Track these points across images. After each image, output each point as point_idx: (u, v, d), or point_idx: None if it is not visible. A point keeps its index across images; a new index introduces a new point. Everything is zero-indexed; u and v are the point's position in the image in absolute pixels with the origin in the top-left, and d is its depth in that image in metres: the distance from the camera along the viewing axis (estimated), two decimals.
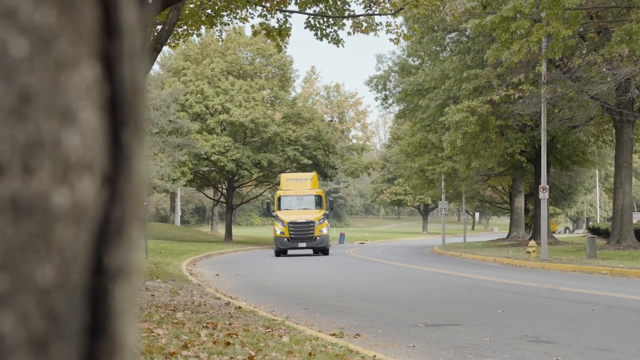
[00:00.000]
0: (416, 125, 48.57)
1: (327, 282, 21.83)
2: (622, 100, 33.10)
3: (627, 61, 24.94)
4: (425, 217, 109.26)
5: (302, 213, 41.17)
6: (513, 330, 11.45)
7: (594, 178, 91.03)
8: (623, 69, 25.07)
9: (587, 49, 31.84)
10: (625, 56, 24.54)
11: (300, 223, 39.99)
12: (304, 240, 39.86)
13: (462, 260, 35.80)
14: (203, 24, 17.27)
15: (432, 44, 43.64)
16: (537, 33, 25.57)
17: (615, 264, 25.63)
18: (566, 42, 26.56)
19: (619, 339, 10.67)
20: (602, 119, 39.99)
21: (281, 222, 40.40)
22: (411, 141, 48.64)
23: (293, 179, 43.78)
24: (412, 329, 11.83)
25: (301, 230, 39.94)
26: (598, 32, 30.43)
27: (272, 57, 56.60)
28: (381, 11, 18.23)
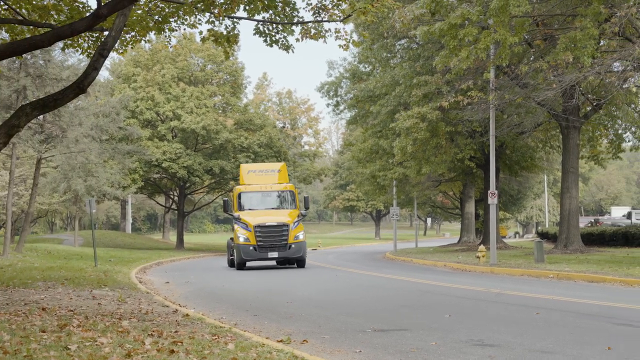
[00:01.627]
0: (367, 131, 48.78)
1: (278, 288, 21.79)
2: (568, 107, 33.64)
3: (572, 68, 25.35)
4: (377, 223, 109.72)
5: (272, 214, 32.76)
6: (459, 335, 11.55)
7: (543, 183, 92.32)
8: (568, 75, 25.48)
9: (534, 56, 32.31)
10: (570, 63, 24.95)
11: (270, 227, 31.59)
12: (275, 248, 31.48)
13: (413, 265, 36.03)
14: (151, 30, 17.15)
15: (383, 50, 43.87)
16: (484, 40, 25.89)
17: (561, 268, 26.01)
18: (513, 49, 26.95)
19: (562, 341, 10.83)
20: (549, 125, 40.59)
21: (244, 226, 31.74)
22: (363, 147, 48.82)
23: (257, 171, 34.91)
24: (360, 334, 11.87)
25: (272, 236, 31.55)
26: (544, 39, 30.92)
27: (224, 64, 56.42)
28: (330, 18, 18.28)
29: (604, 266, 26.01)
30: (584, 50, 23.72)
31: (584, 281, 22.66)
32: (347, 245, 75.10)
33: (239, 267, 31.89)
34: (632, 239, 42.22)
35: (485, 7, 26.09)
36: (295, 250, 31.83)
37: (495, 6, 24.40)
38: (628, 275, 22.40)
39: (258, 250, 31.41)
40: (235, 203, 33.41)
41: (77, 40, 17.29)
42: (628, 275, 22.22)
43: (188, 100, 54.36)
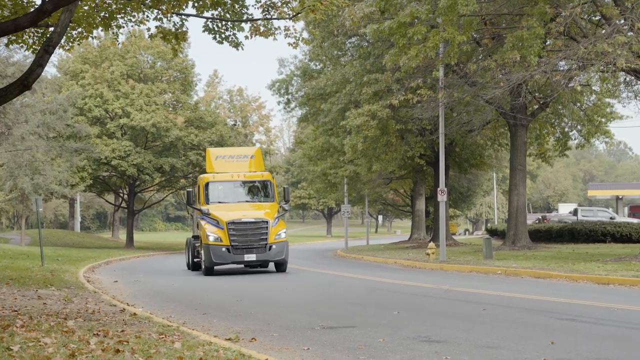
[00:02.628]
0: (318, 129, 48.85)
1: (228, 286, 21.72)
2: (515, 105, 34.07)
3: (519, 67, 25.68)
4: (329, 221, 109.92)
5: (247, 208, 27.65)
6: (407, 331, 11.64)
7: (492, 181, 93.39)
8: (515, 74, 25.80)
9: (482, 55, 32.66)
10: (517, 62, 25.27)
11: (247, 224, 26.50)
12: (252, 249, 26.46)
13: (364, 263, 36.17)
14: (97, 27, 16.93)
15: (333, 48, 43.95)
16: (433, 39, 26.09)
17: (509, 264, 26.35)
18: (462, 47, 27.22)
19: (507, 336, 10.98)
20: (497, 123, 41.06)
21: (215, 223, 26.79)
22: (314, 145, 48.87)
23: (226, 157, 29.80)
24: (309, 331, 11.89)
25: (248, 235, 26.46)
26: (492, 38, 31.27)
27: (174, 61, 55.96)
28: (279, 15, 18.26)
29: (551, 262, 26.42)
30: (530, 50, 24.05)
31: (530, 277, 22.99)
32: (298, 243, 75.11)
33: (207, 271, 26.70)
34: (577, 235, 42.94)
35: (434, 5, 26.30)
36: (276, 251, 26.71)
37: (443, 5, 24.61)
38: (573, 271, 22.78)
39: (232, 252, 26.24)
40: (202, 195, 28.05)
41: (21, 36, 17.00)
42: (573, 271, 22.60)
43: (137, 97, 53.83)
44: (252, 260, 26.82)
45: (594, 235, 42.33)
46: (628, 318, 12.79)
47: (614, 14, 24.12)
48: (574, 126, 42.88)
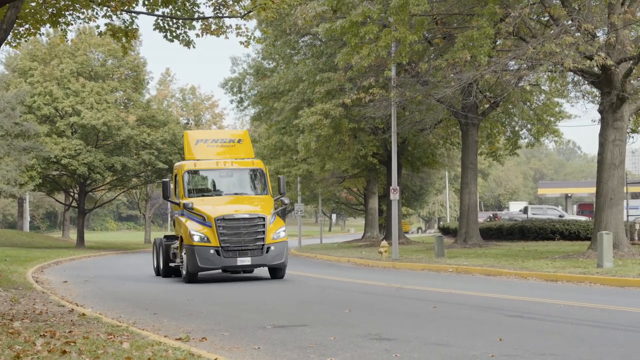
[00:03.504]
0: (272, 127, 48.79)
1: (179, 286, 21.57)
2: (466, 104, 34.40)
3: (470, 66, 25.93)
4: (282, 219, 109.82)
5: (238, 202, 23.35)
6: (358, 329, 11.68)
7: (444, 179, 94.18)
8: (466, 73, 26.05)
9: (433, 54, 32.90)
10: (468, 61, 25.52)
11: (240, 221, 22.10)
12: (247, 252, 22.03)
13: (317, 261, 36.24)
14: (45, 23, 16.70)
15: (286, 47, 43.94)
16: (385, 38, 26.22)
17: (460, 262, 26.61)
18: (413, 47, 27.40)
19: (457, 333, 11.08)
20: (449, 122, 41.43)
21: (200, 220, 22.31)
22: (267, 144, 48.80)
23: (209, 141, 25.04)
24: (260, 330, 11.86)
25: (242, 234, 22.06)
26: (444, 37, 31.53)
27: (125, 59, 55.39)
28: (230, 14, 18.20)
29: (501, 260, 26.73)
30: (480, 49, 24.31)
31: (481, 275, 23.24)
32: None
33: (189, 278, 22.29)
34: (527, 233, 43.53)
35: (386, 5, 26.42)
36: (275, 254, 22.17)
37: (395, 5, 24.74)
38: (523, 268, 23.08)
39: (222, 255, 21.75)
40: (181, 186, 23.52)
41: None
42: (523, 269, 22.89)
43: (88, 95, 53.17)
44: (247, 264, 22.03)
45: (543, 233, 42.94)
46: (574, 314, 13.00)
47: (561, 14, 24.48)
48: (524, 125, 43.49)
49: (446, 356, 9.31)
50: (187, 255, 22.14)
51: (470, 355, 9.33)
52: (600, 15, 26.15)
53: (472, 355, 9.33)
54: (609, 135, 26.15)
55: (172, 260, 24.69)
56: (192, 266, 22.04)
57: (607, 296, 16.08)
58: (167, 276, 25.06)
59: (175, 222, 24.53)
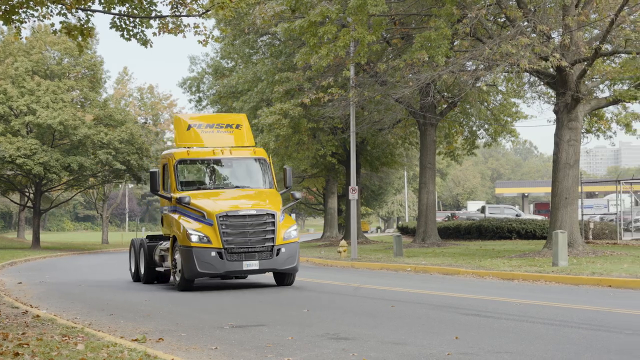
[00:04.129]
0: None
1: (136, 287, 21.39)
2: (425, 104, 34.62)
3: (428, 67, 26.10)
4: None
5: (241, 196, 20.26)
6: (316, 329, 11.69)
7: (403, 179, 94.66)
8: (424, 74, 26.20)
9: (392, 54, 33.05)
10: (425, 62, 25.67)
11: (245, 218, 19.06)
12: (254, 254, 18.98)
13: None
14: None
15: (245, 46, 43.82)
16: (343, 38, 26.28)
17: (419, 261, 26.76)
18: (372, 47, 27.49)
19: (414, 332, 11.15)
20: (407, 122, 41.65)
21: (197, 216, 19.31)
22: None
23: (204, 126, 21.79)
24: (217, 331, 11.82)
25: (248, 234, 19.00)
26: (402, 38, 31.68)
27: (82, 57, 54.74)
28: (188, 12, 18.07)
29: (459, 259, 26.94)
30: (438, 50, 24.46)
31: (439, 274, 23.40)
32: None
33: (185, 285, 19.22)
34: (485, 232, 43.94)
35: (344, 5, 26.48)
36: (286, 256, 19.23)
37: (353, 5, 24.80)
38: (480, 267, 23.28)
39: (225, 258, 18.72)
40: (172, 177, 20.27)
41: None
42: (480, 267, 23.10)
43: (44, 94, 52.44)
44: (254, 269, 19.01)
45: (500, 232, 43.37)
46: (529, 312, 13.15)
47: (517, 16, 24.75)
48: (482, 125, 43.89)
49: (403, 355, 9.36)
50: (182, 259, 18.89)
51: (427, 353, 9.39)
52: (555, 17, 26.48)
53: (428, 353, 9.39)
54: (564, 135, 26.49)
55: (157, 264, 21.62)
56: (189, 271, 18.80)
57: (562, 294, 16.30)
58: (149, 282, 22.07)
59: (165, 220, 21.01)
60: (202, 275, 19.12)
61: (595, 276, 18.76)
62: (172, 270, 19.88)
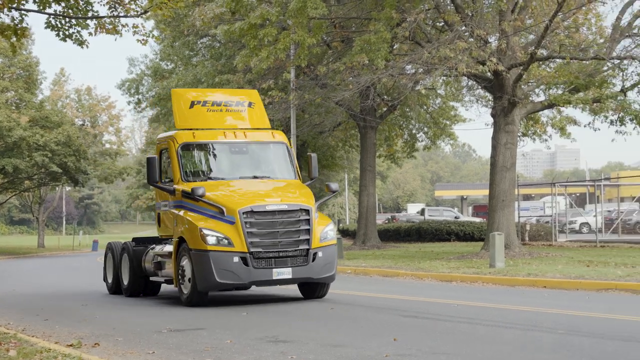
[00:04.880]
0: (170, 129, 48.12)
1: (73, 290, 21.05)
2: (365, 107, 34.80)
3: (368, 70, 26.24)
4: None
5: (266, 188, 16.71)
6: (255, 332, 11.65)
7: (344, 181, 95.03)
8: (364, 77, 26.34)
9: (332, 57, 33.16)
10: (365, 65, 25.80)
11: (275, 214, 15.63)
12: (286, 260, 15.57)
13: None
14: None
15: (185, 48, 43.47)
16: (283, 41, 26.27)
17: (359, 264, 26.87)
18: (312, 50, 27.49)
19: (353, 334, 11.19)
20: (348, 125, 41.83)
21: (214, 212, 15.72)
22: None
23: (209, 103, 18.15)
24: (155, 335, 11.70)
25: (279, 234, 15.59)
26: (342, 41, 31.81)
27: (16, 58, 53.67)
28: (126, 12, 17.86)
29: (398, 261, 27.13)
30: (378, 53, 24.62)
31: (379, 276, 23.53)
32: None
33: (197, 298, 15.53)
34: (424, 235, 44.36)
35: (284, 8, 26.48)
36: (323, 262, 15.81)
37: (293, 7, 24.81)
38: (419, 269, 23.48)
39: (252, 264, 15.20)
40: (175, 165, 16.74)
41: None
42: (419, 269, 23.30)
43: None
44: (286, 278, 15.55)
45: (439, 234, 43.83)
46: (467, 313, 13.31)
47: (455, 20, 25.06)
48: (421, 128, 44.34)
49: (342, 357, 9.38)
50: (195, 266, 15.25)
51: (365, 355, 9.43)
52: (492, 22, 26.90)
53: (367, 355, 9.43)
54: (501, 139, 26.90)
55: (149, 272, 17.96)
56: (204, 282, 15.15)
57: (498, 295, 16.54)
58: (135, 294, 18.40)
59: (164, 218, 17.38)
60: (221, 287, 15.53)
61: (531, 277, 19.08)
62: (178, 281, 15.87)
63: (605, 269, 20.22)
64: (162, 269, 17.24)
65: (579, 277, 18.42)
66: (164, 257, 17.18)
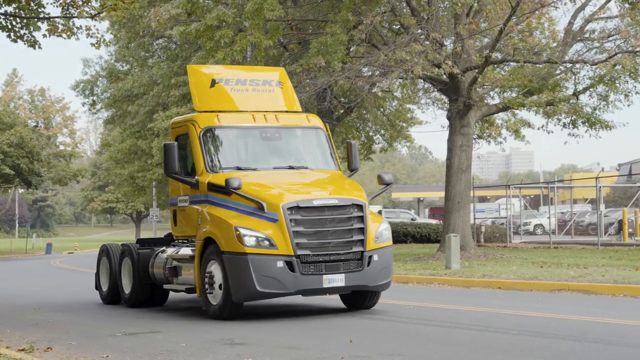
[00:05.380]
0: (126, 131, 47.76)
1: (25, 294, 20.73)
2: (322, 109, 34.81)
3: (324, 72, 26.28)
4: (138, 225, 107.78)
5: (309, 181, 14.70)
6: (210, 335, 11.60)
7: None
8: (321, 79, 26.37)
9: (289, 59, 33.14)
10: (322, 67, 25.83)
11: (324, 210, 13.24)
12: (338, 264, 13.17)
13: None
14: None
15: (140, 49, 43.12)
16: (240, 42, 26.17)
17: None
18: (268, 52, 27.44)
19: (309, 337, 11.20)
20: None
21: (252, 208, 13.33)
22: (121, 148, 47.74)
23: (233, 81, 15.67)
24: (109, 338, 11.58)
25: (329, 234, 13.20)
26: (299, 43, 31.81)
27: None
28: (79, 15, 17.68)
29: None
30: (334, 55, 24.66)
31: None
32: None
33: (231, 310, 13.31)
34: None
35: (241, 9, 26.39)
36: (379, 267, 13.60)
37: (250, 9, 24.74)
38: None
39: (299, 270, 12.96)
40: (198, 154, 14.34)
41: None
42: None
43: None
44: (338, 287, 13.23)
45: (396, 236, 43.87)
46: (423, 315, 13.40)
47: (411, 23, 25.23)
48: (378, 130, 44.49)
49: (297, 359, 9.39)
50: (230, 272, 12.87)
51: (320, 357, 9.45)
52: (447, 25, 27.13)
53: (322, 357, 9.44)
54: (456, 141, 27.12)
55: (159, 279, 15.37)
56: (241, 290, 12.83)
57: (454, 296, 16.68)
58: (138, 305, 15.97)
59: (182, 215, 14.77)
60: (262, 297, 13.07)
61: (486, 278, 19.27)
62: (204, 290, 13.43)
63: (558, 270, 20.51)
64: (178, 275, 14.67)
65: (532, 278, 18.65)
66: (181, 261, 14.60)
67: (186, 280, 14.42)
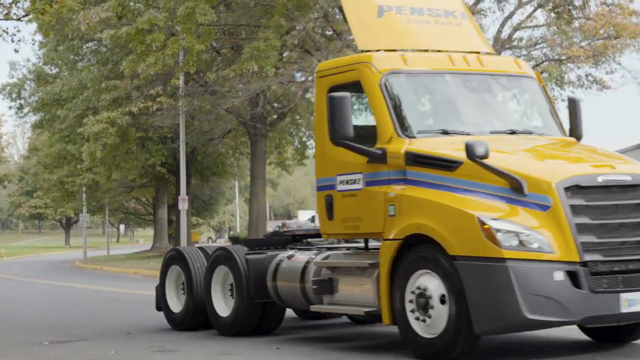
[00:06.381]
0: (55, 135, 46.99)
1: None
2: (255, 114, 34.79)
3: (257, 77, 26.29)
4: (67, 231, 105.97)
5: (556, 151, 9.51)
6: (141, 342, 11.45)
7: (234, 189, 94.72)
8: (254, 84, 26.37)
9: (222, 64, 33.04)
10: (255, 72, 25.84)
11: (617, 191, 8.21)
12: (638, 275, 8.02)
13: (104, 273, 35.29)
14: None
15: (69, 52, 42.46)
16: (172, 46, 26.03)
17: None
18: (201, 56, 27.34)
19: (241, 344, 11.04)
20: (238, 132, 41.71)
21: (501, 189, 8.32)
22: (49, 152, 46.97)
23: (407, 11, 10.26)
24: (36, 347, 11.34)
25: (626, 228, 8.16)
26: (232, 48, 31.75)
27: None
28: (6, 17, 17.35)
29: None
30: (267, 60, 24.71)
31: None
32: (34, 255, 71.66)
33: (466, 347, 8.40)
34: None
35: (173, 13, 26.23)
36: None
37: (181, 13, 24.63)
38: None
39: (590, 287, 7.99)
40: (384, 109, 9.50)
41: None
42: None
43: None
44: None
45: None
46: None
47: (344, 29, 25.42)
48: (311, 136, 44.60)
49: None
50: (469, 290, 8.17)
51: None
52: None
53: None
54: None
55: (296, 296, 10.72)
56: (494, 317, 8.12)
57: None
58: (243, 333, 11.45)
59: (346, 203, 9.96)
60: (530, 327, 8.38)
61: None
62: (407, 316, 8.79)
63: None
64: (334, 292, 9.97)
65: None
66: (344, 271, 10.02)
67: (349, 299, 9.80)
